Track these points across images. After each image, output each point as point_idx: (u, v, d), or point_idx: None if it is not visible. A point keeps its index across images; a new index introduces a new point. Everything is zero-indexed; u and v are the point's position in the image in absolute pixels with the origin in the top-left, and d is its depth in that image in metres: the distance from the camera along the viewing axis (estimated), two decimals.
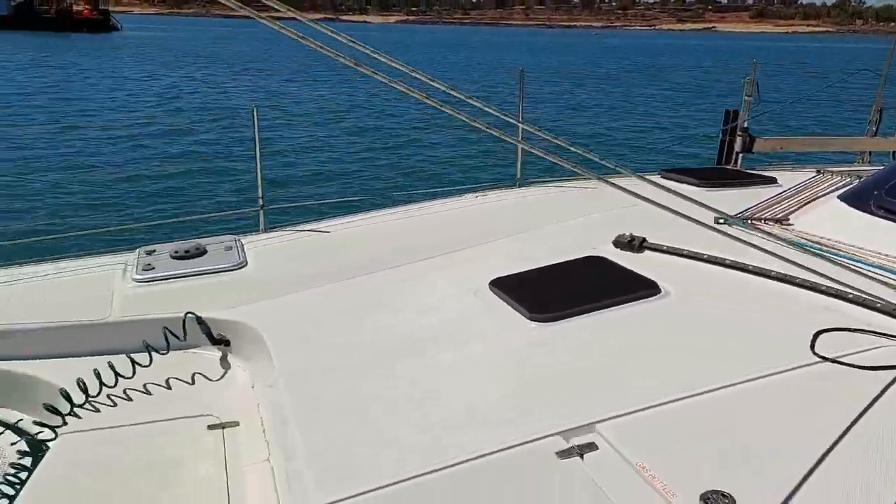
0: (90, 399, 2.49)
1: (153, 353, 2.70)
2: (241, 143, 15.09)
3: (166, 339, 2.72)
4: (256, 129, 3.96)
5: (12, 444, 2.51)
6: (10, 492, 2.15)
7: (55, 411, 2.42)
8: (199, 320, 2.78)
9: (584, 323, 2.50)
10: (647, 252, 3.12)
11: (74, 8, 79.73)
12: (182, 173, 13.27)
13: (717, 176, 4.67)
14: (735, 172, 5.33)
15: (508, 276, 2.93)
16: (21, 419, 2.66)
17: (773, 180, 4.42)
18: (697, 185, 4.30)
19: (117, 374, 2.58)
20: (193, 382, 2.64)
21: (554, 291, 2.78)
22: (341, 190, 11.87)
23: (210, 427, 2.34)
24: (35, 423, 2.50)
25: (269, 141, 13.95)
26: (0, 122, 18.65)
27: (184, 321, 2.77)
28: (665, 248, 3.10)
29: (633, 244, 3.18)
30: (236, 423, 2.35)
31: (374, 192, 11.32)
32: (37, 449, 2.43)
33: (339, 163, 14.69)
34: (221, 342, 2.78)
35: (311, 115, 20.44)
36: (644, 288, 2.70)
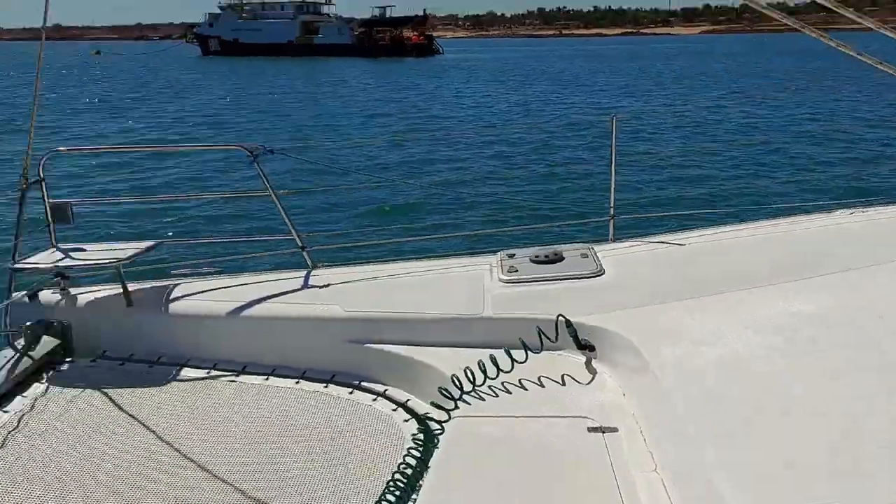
0: (476, 388, 2.64)
1: (528, 351, 2.80)
2: (590, 154, 15.32)
3: (540, 339, 2.82)
4: (614, 139, 3.91)
5: (405, 420, 2.77)
6: (413, 462, 2.39)
7: (448, 395, 2.61)
8: (569, 324, 2.84)
9: None
10: None
11: (405, 34, 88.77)
12: (535, 181, 13.98)
13: None
14: None
15: None
16: (409, 399, 2.92)
17: None
18: None
19: (498, 368, 2.70)
20: (564, 384, 2.68)
21: None
22: (696, 202, 11.50)
23: (590, 430, 2.35)
24: (432, 403, 2.70)
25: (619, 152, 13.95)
26: (383, 137, 21.22)
27: (556, 323, 2.84)
28: None
29: None
30: (615, 430, 2.35)
31: (732, 206, 10.76)
32: (427, 427, 2.63)
33: (694, 174, 14.31)
34: (586, 347, 2.82)
35: (665, 127, 20.23)
36: None
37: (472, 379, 2.69)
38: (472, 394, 2.65)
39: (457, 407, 2.59)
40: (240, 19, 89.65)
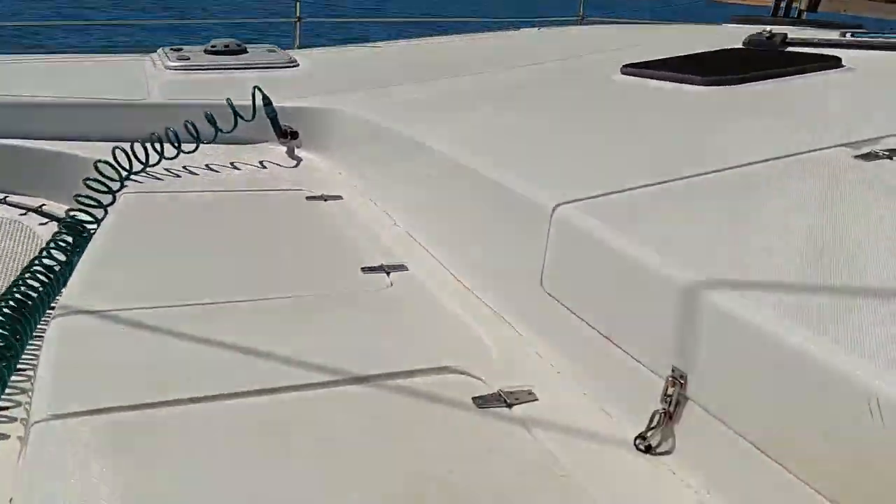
0: (147, 168, 2.29)
1: (217, 131, 2.43)
2: None
3: (235, 120, 2.43)
4: None
5: (41, 224, 2.33)
6: (61, 257, 1.88)
7: (106, 182, 2.18)
8: (268, 101, 2.48)
9: (770, 87, 2.22)
10: (790, 48, 2.79)
11: None
12: None
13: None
14: None
15: (644, 61, 2.57)
16: (44, 204, 2.46)
17: None
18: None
19: (179, 149, 2.34)
20: (265, 167, 2.42)
21: (714, 67, 2.45)
22: (385, 9, 10.95)
23: (308, 198, 2.14)
24: (77, 197, 2.15)
25: None
26: None
27: (252, 96, 2.46)
28: (816, 40, 2.79)
29: (774, 41, 2.80)
30: (339, 197, 2.19)
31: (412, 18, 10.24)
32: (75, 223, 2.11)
33: None
34: (289, 134, 2.55)
35: None
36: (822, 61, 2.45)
37: (140, 159, 2.28)
38: (143, 174, 2.27)
39: (123, 186, 2.19)
40: None
